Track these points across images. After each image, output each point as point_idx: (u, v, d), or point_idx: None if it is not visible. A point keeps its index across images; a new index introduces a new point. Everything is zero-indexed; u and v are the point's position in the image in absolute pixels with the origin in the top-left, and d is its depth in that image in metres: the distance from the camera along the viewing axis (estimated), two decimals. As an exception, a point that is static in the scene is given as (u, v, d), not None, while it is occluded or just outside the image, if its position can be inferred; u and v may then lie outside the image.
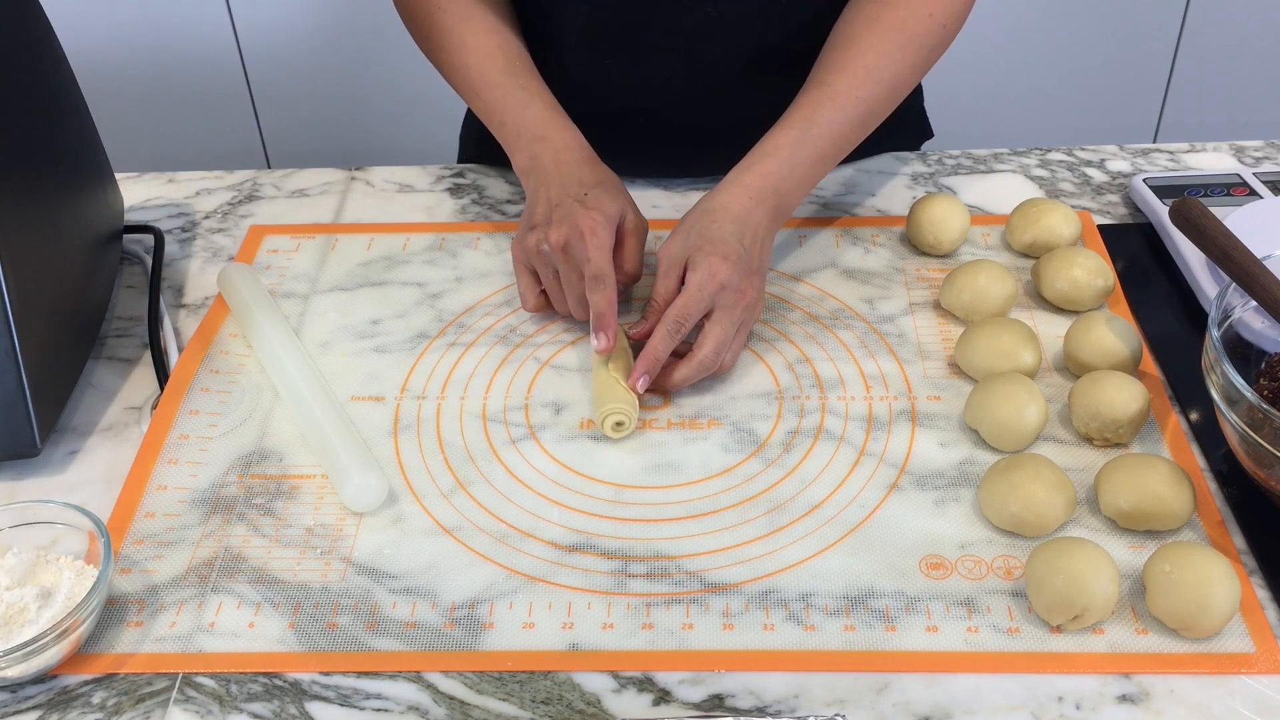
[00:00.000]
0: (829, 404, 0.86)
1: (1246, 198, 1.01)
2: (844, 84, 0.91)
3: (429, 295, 0.97)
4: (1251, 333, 0.81)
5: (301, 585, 0.75)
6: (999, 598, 0.72)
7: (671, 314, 0.84)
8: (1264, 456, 0.71)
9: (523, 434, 0.85)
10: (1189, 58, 2.05)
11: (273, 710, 0.68)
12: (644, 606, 0.73)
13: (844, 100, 0.91)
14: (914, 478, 0.80)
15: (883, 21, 0.93)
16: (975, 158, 1.12)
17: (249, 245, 1.04)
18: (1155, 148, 1.13)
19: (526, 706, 0.67)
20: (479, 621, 0.72)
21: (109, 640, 0.72)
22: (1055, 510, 0.75)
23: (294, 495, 0.81)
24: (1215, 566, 0.69)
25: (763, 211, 0.88)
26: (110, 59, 1.99)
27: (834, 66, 0.93)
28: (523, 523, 0.78)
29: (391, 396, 0.88)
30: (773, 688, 0.68)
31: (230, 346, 0.93)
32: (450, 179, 1.12)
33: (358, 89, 2.04)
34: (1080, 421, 0.81)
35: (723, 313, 0.85)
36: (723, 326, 0.85)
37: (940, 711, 0.66)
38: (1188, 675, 0.68)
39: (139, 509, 0.80)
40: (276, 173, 1.14)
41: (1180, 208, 0.87)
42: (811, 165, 0.91)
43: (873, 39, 0.92)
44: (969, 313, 0.91)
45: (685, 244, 0.86)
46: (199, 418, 0.87)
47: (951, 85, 2.02)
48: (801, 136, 0.90)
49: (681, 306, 0.84)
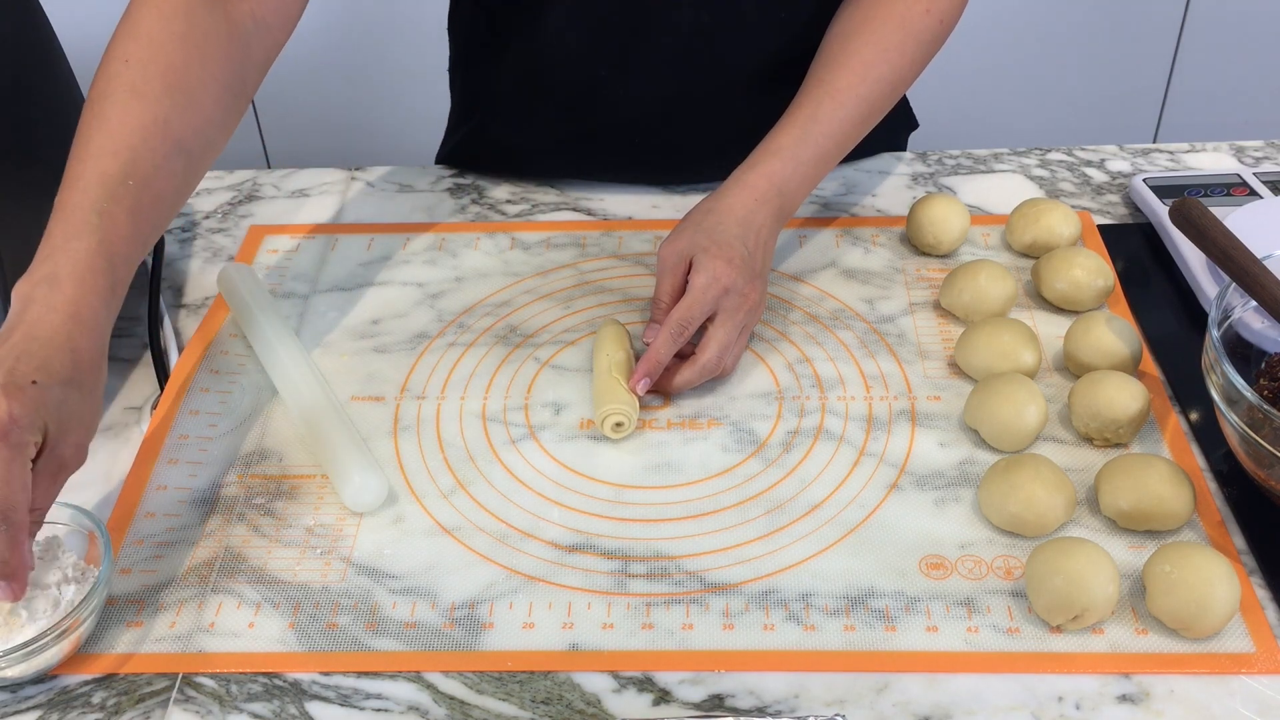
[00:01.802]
0: (829, 404, 0.86)
1: (1246, 198, 1.01)
2: (844, 81, 0.91)
3: (429, 295, 0.97)
4: (1251, 333, 0.81)
5: (301, 585, 0.75)
6: (999, 598, 0.72)
7: (675, 317, 0.84)
8: (1264, 456, 0.71)
9: (523, 434, 0.85)
10: (1189, 58, 2.05)
11: (273, 710, 0.68)
12: (644, 606, 0.73)
13: (844, 98, 0.91)
14: (914, 478, 0.80)
15: (880, 18, 0.92)
16: (975, 158, 1.12)
17: (249, 245, 1.04)
18: (1155, 148, 1.13)
19: (526, 706, 0.67)
20: (479, 621, 0.72)
21: (109, 640, 0.72)
22: (1055, 510, 0.75)
23: (294, 495, 0.81)
24: (1215, 566, 0.69)
25: (766, 213, 0.88)
26: (110, 59, 1.98)
27: (833, 63, 0.92)
28: (523, 523, 0.78)
29: (391, 396, 0.88)
30: (773, 688, 0.68)
31: (230, 346, 0.93)
32: (450, 179, 1.12)
33: (358, 89, 2.04)
34: (1080, 421, 0.81)
35: (726, 316, 0.85)
36: (726, 330, 0.85)
37: (940, 711, 0.66)
38: (1188, 675, 0.68)
39: (139, 509, 0.80)
40: (276, 173, 1.14)
41: (1180, 208, 0.87)
42: (814, 164, 0.91)
43: (870, 35, 0.92)
44: (969, 313, 0.91)
45: (690, 243, 0.86)
46: (199, 418, 0.86)
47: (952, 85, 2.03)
48: (804, 136, 0.90)
49: (685, 310, 0.84)
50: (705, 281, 0.84)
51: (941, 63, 0.98)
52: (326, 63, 2.02)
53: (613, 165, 1.08)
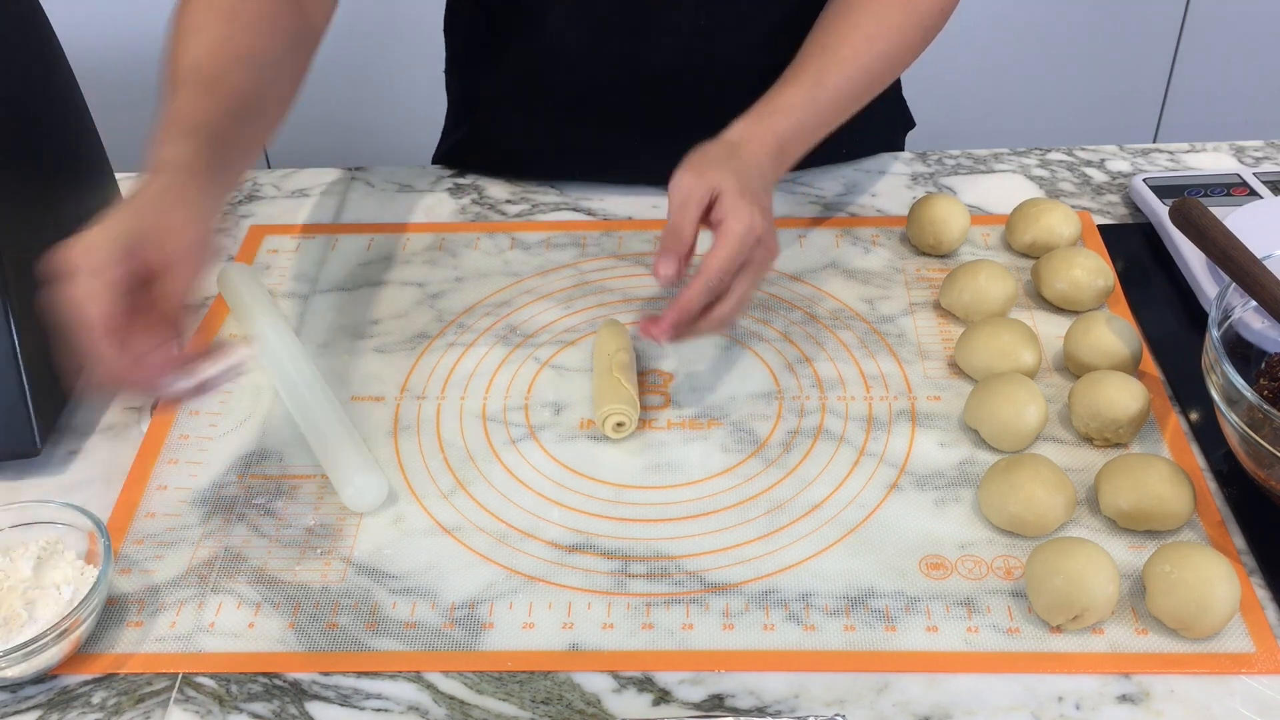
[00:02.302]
0: (829, 404, 0.86)
1: (1246, 198, 1.01)
2: (849, 49, 0.89)
3: (429, 295, 0.97)
4: (1251, 333, 0.81)
5: (301, 585, 0.75)
6: (999, 598, 0.72)
7: (714, 266, 0.77)
8: (1264, 456, 0.71)
9: (523, 434, 0.85)
10: (1189, 58, 2.05)
11: (273, 710, 0.68)
12: (644, 606, 0.73)
13: (849, 66, 0.89)
14: (914, 478, 0.80)
15: None
16: (975, 158, 1.12)
17: (249, 245, 1.04)
18: (1155, 148, 1.13)
19: (526, 706, 0.67)
20: (479, 621, 0.72)
21: (109, 640, 0.72)
22: (1055, 510, 0.75)
23: (294, 495, 0.81)
24: (1215, 566, 0.69)
25: (772, 168, 0.84)
26: (110, 59, 1.98)
27: (836, 30, 0.90)
28: (523, 523, 0.78)
29: (391, 396, 0.88)
30: (773, 688, 0.68)
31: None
32: (450, 179, 1.12)
33: (358, 89, 2.04)
34: (1080, 421, 0.81)
35: (753, 269, 0.79)
36: (750, 284, 0.80)
37: (940, 711, 0.66)
38: (1188, 675, 0.68)
39: (139, 509, 0.80)
40: (276, 173, 1.14)
41: (1180, 208, 0.87)
42: (814, 130, 0.88)
43: (877, 8, 0.91)
44: (969, 313, 0.91)
45: (718, 180, 0.79)
46: (199, 418, 0.87)
47: (952, 85, 2.03)
48: (810, 98, 0.87)
49: (725, 259, 0.77)
50: (743, 229, 0.77)
51: (941, 63, 0.98)
52: (326, 63, 2.01)
53: (612, 165, 1.08)
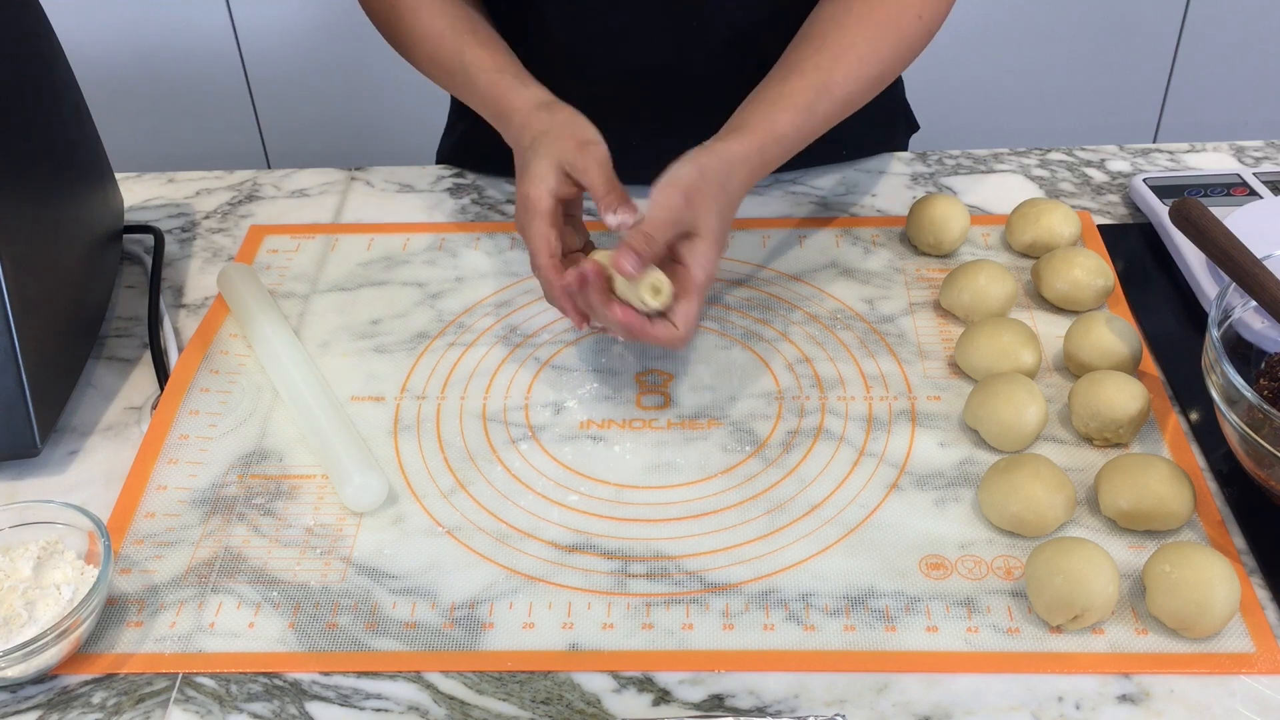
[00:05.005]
0: (829, 404, 0.86)
1: (1246, 198, 1.01)
2: (840, 74, 0.89)
3: (429, 295, 0.98)
4: (1251, 333, 0.81)
5: (301, 585, 0.75)
6: (999, 598, 0.72)
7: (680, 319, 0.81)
8: (1264, 456, 0.71)
9: (523, 434, 0.85)
10: (1189, 58, 2.05)
11: (273, 710, 0.68)
12: (644, 606, 0.73)
13: (838, 93, 0.90)
14: (914, 478, 0.80)
15: (875, 18, 0.91)
16: (975, 158, 1.12)
17: (249, 245, 1.04)
18: (1155, 148, 1.13)
19: (526, 706, 0.67)
20: (479, 621, 0.72)
21: (109, 640, 0.72)
22: (1055, 510, 0.75)
23: (294, 495, 0.81)
24: (1215, 566, 0.69)
25: (744, 192, 0.86)
26: (110, 59, 1.99)
27: (826, 51, 0.90)
28: (523, 523, 0.78)
29: (391, 396, 0.88)
30: (773, 688, 0.68)
31: (230, 346, 0.93)
32: (450, 179, 1.12)
33: (358, 89, 2.04)
34: (1080, 421, 0.81)
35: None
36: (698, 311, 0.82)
37: (940, 711, 0.66)
38: (1188, 675, 0.68)
39: (139, 509, 0.80)
40: (276, 173, 1.14)
41: (1180, 208, 0.87)
42: (790, 154, 0.89)
43: (866, 31, 0.91)
44: (969, 313, 0.91)
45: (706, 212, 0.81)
46: (199, 418, 0.87)
47: (952, 85, 2.03)
48: (802, 124, 0.88)
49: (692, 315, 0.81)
50: (705, 279, 0.81)
51: (942, 63, 0.98)
52: (326, 63, 2.02)
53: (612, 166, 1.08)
